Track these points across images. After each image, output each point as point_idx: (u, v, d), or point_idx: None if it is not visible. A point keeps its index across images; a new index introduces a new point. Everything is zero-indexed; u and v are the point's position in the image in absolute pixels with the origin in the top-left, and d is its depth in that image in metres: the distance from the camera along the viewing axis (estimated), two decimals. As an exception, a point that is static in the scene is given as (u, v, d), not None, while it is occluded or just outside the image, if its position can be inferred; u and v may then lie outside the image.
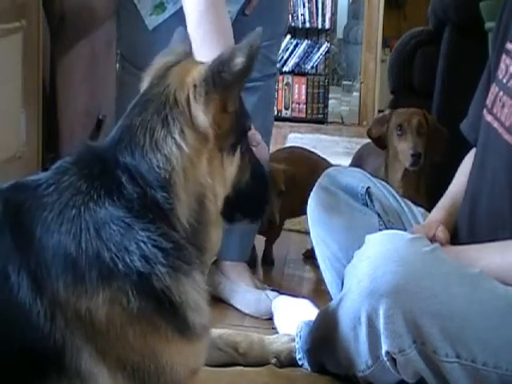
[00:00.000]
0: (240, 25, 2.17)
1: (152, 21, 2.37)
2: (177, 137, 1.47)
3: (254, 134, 1.79)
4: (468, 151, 2.02)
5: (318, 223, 2.12)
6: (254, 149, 1.72)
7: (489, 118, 1.82)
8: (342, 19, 6.79)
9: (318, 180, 2.17)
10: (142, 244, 1.42)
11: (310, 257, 2.89)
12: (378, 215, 2.05)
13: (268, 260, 2.90)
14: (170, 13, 2.36)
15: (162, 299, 1.43)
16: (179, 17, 2.37)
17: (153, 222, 1.44)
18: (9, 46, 2.85)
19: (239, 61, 1.44)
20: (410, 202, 2.16)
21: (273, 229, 2.81)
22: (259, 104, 2.45)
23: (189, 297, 1.46)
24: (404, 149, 2.58)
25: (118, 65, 2.68)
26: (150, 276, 1.42)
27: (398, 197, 2.15)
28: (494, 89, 1.83)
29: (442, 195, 2.04)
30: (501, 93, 1.79)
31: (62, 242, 1.42)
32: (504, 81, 1.79)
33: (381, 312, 1.62)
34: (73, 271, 1.41)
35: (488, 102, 1.84)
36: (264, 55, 2.48)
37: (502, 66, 1.81)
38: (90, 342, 1.41)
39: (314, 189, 2.16)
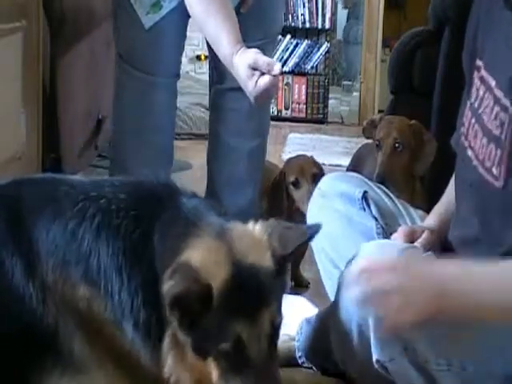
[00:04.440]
0: (239, 20, 2.19)
1: (149, 20, 2.38)
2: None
3: (273, 64, 1.79)
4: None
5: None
6: (265, 80, 1.72)
7: (465, 143, 1.77)
8: (342, 19, 6.79)
9: (316, 187, 2.18)
10: (123, 294, 1.40)
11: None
12: (376, 219, 2.04)
13: (304, 283, 2.70)
14: (166, 11, 2.37)
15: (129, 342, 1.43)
16: (175, 16, 2.39)
17: (145, 285, 1.41)
18: (9, 46, 2.85)
19: (170, 285, 1.34)
20: (408, 205, 2.16)
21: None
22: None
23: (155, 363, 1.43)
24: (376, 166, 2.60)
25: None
26: (121, 321, 1.42)
27: (395, 199, 2.15)
28: (467, 112, 1.77)
29: (440, 196, 2.04)
30: (473, 120, 1.73)
31: (59, 228, 1.44)
32: (476, 105, 1.72)
33: (370, 322, 1.61)
34: (62, 255, 1.43)
35: (464, 127, 1.78)
36: None
37: (474, 87, 1.75)
38: (80, 328, 1.43)
39: (313, 196, 2.17)
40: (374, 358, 1.64)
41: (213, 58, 2.55)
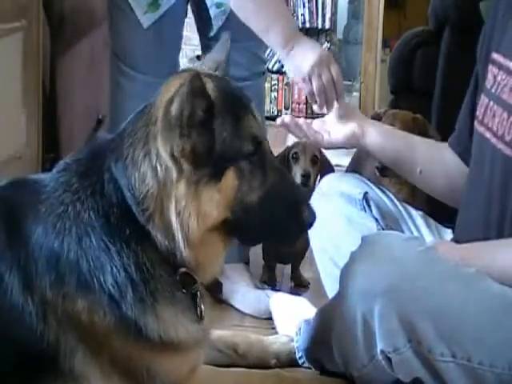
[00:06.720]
0: (232, 19, 2.21)
1: (147, 19, 2.37)
2: (153, 158, 1.42)
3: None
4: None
5: (316, 230, 2.13)
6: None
7: (481, 129, 1.81)
8: (342, 19, 6.79)
9: (317, 187, 2.18)
10: (115, 270, 1.41)
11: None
12: (376, 220, 2.05)
13: (304, 283, 2.69)
14: (163, 9, 2.37)
15: (134, 324, 1.43)
16: (173, 14, 2.39)
17: (129, 242, 1.42)
18: (9, 46, 2.86)
19: (173, 107, 1.39)
20: (408, 206, 2.16)
21: (295, 252, 2.66)
22: None
23: (160, 328, 1.45)
24: None
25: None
26: (120, 303, 1.42)
27: (396, 200, 2.16)
28: (483, 100, 1.82)
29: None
30: (491, 103, 1.78)
31: (47, 237, 1.43)
32: (493, 90, 1.78)
33: (375, 311, 1.62)
34: (56, 270, 1.42)
35: (478, 113, 1.83)
36: (252, 52, 2.47)
37: (490, 76, 1.80)
38: (82, 342, 1.42)
39: (313, 196, 2.17)
40: (378, 348, 1.65)
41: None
